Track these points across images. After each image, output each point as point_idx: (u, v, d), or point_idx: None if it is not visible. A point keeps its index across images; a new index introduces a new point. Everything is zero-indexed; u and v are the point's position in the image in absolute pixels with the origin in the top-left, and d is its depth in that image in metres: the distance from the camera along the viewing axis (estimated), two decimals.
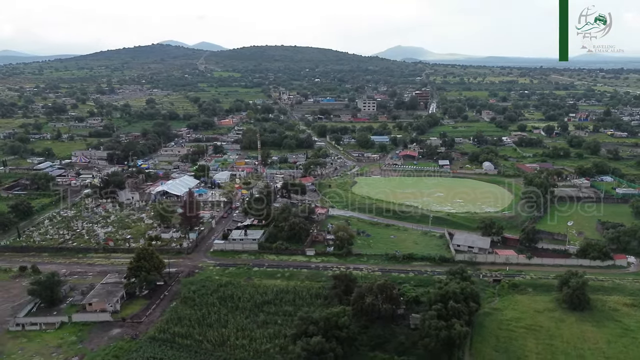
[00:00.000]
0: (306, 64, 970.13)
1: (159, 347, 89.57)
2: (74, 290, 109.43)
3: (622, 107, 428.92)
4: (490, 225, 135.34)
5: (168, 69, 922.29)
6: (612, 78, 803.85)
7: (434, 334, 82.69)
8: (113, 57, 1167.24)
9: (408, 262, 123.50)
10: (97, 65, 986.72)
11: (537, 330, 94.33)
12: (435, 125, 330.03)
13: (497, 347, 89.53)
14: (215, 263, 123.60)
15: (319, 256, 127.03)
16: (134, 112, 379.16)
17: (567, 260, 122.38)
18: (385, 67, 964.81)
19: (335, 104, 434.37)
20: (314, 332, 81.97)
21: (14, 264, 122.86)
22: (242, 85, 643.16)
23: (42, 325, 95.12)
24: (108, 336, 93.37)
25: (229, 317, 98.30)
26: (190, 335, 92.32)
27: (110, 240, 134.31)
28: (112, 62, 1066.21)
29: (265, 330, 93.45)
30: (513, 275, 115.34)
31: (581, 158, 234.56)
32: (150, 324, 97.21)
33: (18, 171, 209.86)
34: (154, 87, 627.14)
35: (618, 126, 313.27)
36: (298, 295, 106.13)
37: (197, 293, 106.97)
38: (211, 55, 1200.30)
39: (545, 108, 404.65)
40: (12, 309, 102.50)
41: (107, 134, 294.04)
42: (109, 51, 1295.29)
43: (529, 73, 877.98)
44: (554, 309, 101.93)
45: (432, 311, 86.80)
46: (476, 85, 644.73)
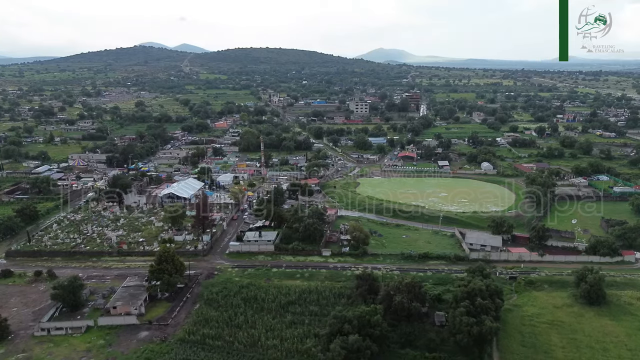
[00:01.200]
0: (292, 66, 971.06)
1: (190, 349, 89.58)
2: (94, 294, 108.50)
3: (606, 108, 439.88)
4: (500, 224, 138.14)
5: (152, 71, 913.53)
6: (592, 80, 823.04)
7: (465, 330, 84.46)
8: (94, 59, 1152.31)
9: (424, 261, 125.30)
10: (78, 68, 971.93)
11: (559, 325, 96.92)
12: (429, 126, 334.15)
13: (523, 342, 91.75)
14: (232, 265, 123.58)
15: (335, 256, 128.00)
16: (124, 115, 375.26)
17: (578, 257, 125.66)
18: (371, 69, 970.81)
19: (327, 106, 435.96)
20: (349, 330, 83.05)
21: (27, 268, 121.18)
22: (229, 87, 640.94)
23: (68, 329, 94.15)
24: (136, 339, 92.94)
25: (255, 318, 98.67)
26: (220, 336, 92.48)
27: (123, 243, 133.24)
28: (94, 64, 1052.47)
29: (295, 330, 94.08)
30: (528, 273, 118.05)
31: (575, 158, 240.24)
32: (177, 327, 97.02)
33: (16, 175, 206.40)
34: (141, 89, 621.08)
35: (606, 127, 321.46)
36: (321, 295, 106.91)
37: (220, 295, 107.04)
38: (195, 57, 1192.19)
39: (533, 110, 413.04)
40: (34, 314, 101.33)
41: (101, 137, 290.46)
42: (90, 53, 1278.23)
43: (511, 75, 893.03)
44: (571, 304, 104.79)
45: (461, 308, 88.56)
46: (462, 87, 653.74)
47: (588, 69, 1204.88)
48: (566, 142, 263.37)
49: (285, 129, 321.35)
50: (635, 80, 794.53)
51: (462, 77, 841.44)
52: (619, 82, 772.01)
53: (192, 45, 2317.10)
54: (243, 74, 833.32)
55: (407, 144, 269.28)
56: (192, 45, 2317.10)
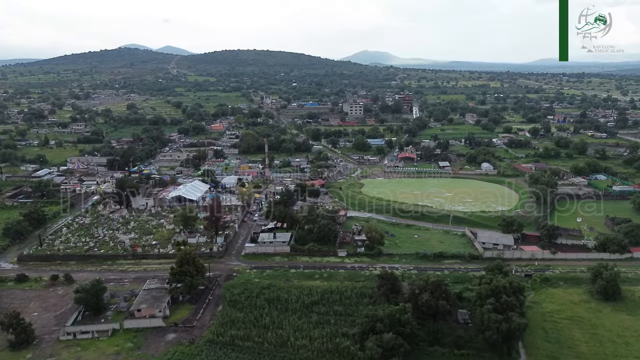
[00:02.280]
0: (280, 68, 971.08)
1: (220, 350, 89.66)
2: (115, 297, 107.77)
3: (594, 109, 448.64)
4: (510, 223, 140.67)
5: (139, 73, 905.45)
6: (576, 82, 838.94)
7: (494, 327, 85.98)
8: (79, 62, 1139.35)
9: (439, 261, 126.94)
10: (63, 70, 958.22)
11: (579, 320, 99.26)
12: (424, 128, 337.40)
13: (547, 338, 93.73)
14: (250, 266, 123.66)
15: (351, 257, 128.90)
16: (117, 118, 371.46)
17: (589, 255, 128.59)
18: (359, 71, 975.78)
19: (321, 108, 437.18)
20: (381, 329, 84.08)
21: (42, 273, 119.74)
22: (219, 89, 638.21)
23: (94, 333, 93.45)
24: (164, 341, 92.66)
25: (281, 318, 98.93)
26: (249, 337, 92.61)
27: (137, 246, 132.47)
28: (79, 66, 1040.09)
29: (322, 330, 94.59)
30: (543, 270, 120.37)
31: (571, 158, 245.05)
32: (203, 328, 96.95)
33: (15, 179, 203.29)
34: (130, 91, 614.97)
35: (597, 127, 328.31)
36: (343, 295, 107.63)
37: (242, 296, 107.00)
38: (182, 60, 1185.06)
39: (524, 111, 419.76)
40: (56, 318, 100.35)
41: (97, 140, 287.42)
42: (74, 55, 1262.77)
43: (497, 77, 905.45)
44: (588, 300, 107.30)
45: (488, 305, 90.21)
46: (451, 89, 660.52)
47: (569, 70, 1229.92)
48: (561, 142, 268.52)
49: (281, 131, 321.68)
50: (617, 82, 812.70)
51: (449, 79, 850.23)
52: (602, 84, 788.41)
53: (176, 47, 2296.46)
54: (232, 76, 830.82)
55: (405, 145, 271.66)
56: (176, 47, 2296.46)
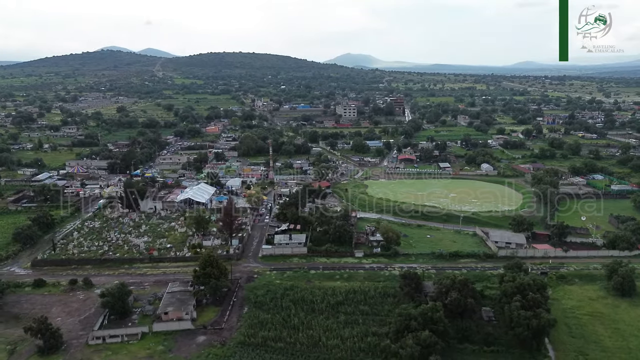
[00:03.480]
0: (267, 71, 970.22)
1: (253, 352, 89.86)
2: (138, 301, 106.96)
3: (580, 111, 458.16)
4: (520, 222, 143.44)
5: (124, 75, 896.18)
6: (558, 84, 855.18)
7: (524, 324, 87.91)
8: (61, 64, 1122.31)
9: (454, 260, 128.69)
10: (45, 72, 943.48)
11: (599, 316, 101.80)
12: (419, 129, 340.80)
13: (571, 333, 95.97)
14: (269, 268, 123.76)
15: (368, 257, 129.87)
16: (109, 121, 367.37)
17: (599, 252, 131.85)
18: (346, 74, 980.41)
19: (313, 110, 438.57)
20: (415, 327, 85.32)
21: (58, 277, 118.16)
22: (208, 92, 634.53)
23: (123, 336, 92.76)
24: (195, 344, 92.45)
25: (309, 319, 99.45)
26: (281, 338, 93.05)
27: (153, 249, 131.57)
28: (61, 68, 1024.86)
29: (352, 330, 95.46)
30: (557, 268, 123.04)
31: (566, 159, 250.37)
32: (232, 330, 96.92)
33: (15, 183, 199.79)
34: (117, 94, 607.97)
35: (587, 129, 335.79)
36: (367, 295, 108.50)
37: (266, 297, 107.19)
38: (167, 62, 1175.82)
39: (513, 113, 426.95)
40: (80, 323, 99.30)
41: (92, 143, 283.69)
42: (55, 57, 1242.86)
43: (482, 80, 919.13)
44: (605, 296, 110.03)
45: (516, 302, 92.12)
46: (439, 92, 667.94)
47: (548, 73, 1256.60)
48: (555, 143, 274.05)
49: (277, 133, 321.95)
50: (598, 85, 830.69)
51: (435, 81, 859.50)
52: (584, 87, 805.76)
53: (157, 50, 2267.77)
54: (219, 79, 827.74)
55: (403, 146, 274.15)
56: (157, 50, 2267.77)
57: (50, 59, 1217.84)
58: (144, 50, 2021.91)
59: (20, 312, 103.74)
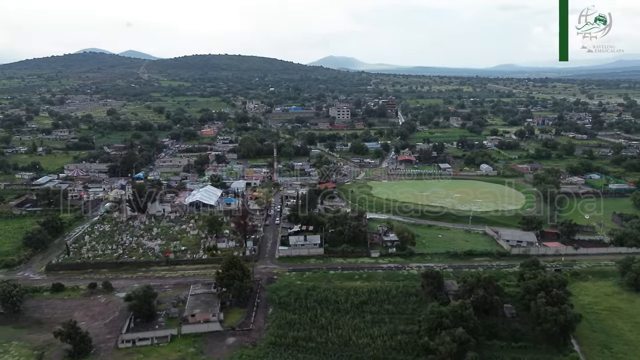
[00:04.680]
0: (254, 73, 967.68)
1: (285, 352, 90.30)
2: (161, 303, 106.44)
3: (567, 112, 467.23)
4: (530, 220, 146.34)
5: (109, 78, 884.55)
6: (542, 86, 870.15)
7: (552, 319, 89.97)
8: (43, 66, 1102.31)
9: (469, 259, 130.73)
10: (27, 75, 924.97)
11: (617, 311, 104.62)
12: (413, 131, 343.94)
13: (593, 328, 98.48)
14: (287, 268, 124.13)
15: (384, 257, 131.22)
16: (101, 124, 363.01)
17: (608, 249, 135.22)
18: (333, 76, 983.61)
19: (306, 113, 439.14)
20: (447, 324, 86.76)
21: (76, 281, 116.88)
22: (197, 94, 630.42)
23: (153, 339, 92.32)
24: (225, 345, 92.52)
25: (336, 318, 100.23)
26: (311, 338, 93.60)
27: (169, 252, 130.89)
28: (43, 71, 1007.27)
29: (380, 329, 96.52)
30: (570, 265, 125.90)
31: (561, 159, 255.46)
32: (260, 331, 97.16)
33: (14, 187, 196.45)
34: (104, 97, 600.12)
35: (577, 129, 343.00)
36: (389, 295, 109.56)
37: (290, 298, 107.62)
38: (151, 64, 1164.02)
39: (503, 114, 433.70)
40: (106, 327, 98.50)
41: (87, 147, 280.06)
42: (36, 59, 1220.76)
43: (467, 82, 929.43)
44: (620, 292, 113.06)
45: (542, 299, 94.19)
46: (427, 94, 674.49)
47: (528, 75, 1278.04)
48: (549, 144, 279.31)
49: (273, 135, 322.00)
50: (580, 87, 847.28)
51: (421, 83, 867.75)
52: (566, 88, 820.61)
53: (139, 52, 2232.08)
54: (206, 81, 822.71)
55: (401, 148, 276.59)
56: (139, 52, 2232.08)
57: (31, 61, 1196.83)
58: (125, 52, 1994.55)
59: (41, 317, 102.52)
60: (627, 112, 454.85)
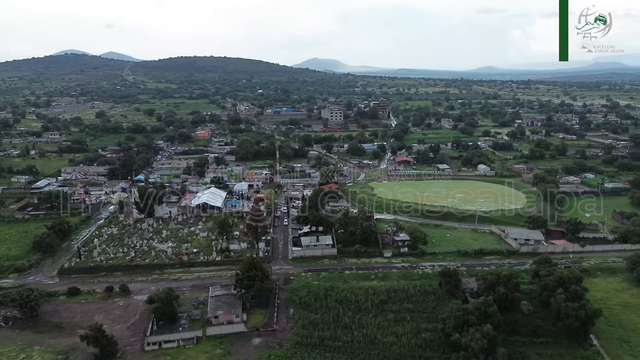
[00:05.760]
0: (241, 75, 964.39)
1: (312, 351, 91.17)
2: (182, 305, 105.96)
3: (553, 113, 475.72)
4: (536, 219, 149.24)
5: (94, 80, 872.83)
6: (525, 88, 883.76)
7: (573, 315, 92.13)
8: (23, 68, 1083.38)
9: (479, 257, 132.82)
10: (8, 77, 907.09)
11: (629, 306, 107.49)
12: (407, 132, 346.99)
13: (609, 322, 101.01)
14: (303, 269, 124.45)
15: (397, 257, 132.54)
16: (92, 126, 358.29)
17: (613, 246, 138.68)
18: (320, 78, 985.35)
19: (297, 114, 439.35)
20: (473, 321, 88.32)
21: (91, 285, 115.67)
22: (185, 96, 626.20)
23: (179, 341, 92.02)
24: (252, 346, 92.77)
25: (358, 317, 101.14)
26: (337, 337, 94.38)
27: (182, 254, 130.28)
28: (24, 73, 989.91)
29: (404, 327, 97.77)
30: (579, 262, 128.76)
31: (554, 159, 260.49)
32: (284, 331, 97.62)
33: (13, 191, 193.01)
34: (90, 99, 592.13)
35: (566, 130, 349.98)
36: (408, 294, 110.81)
37: (309, 298, 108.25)
38: (136, 66, 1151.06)
39: (493, 116, 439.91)
40: (129, 330, 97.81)
41: (81, 149, 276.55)
42: (17, 61, 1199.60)
43: (452, 84, 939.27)
44: (629, 287, 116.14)
45: (562, 295, 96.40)
46: (415, 96, 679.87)
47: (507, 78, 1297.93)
48: (542, 144, 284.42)
49: (269, 137, 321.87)
50: (562, 88, 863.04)
51: (408, 85, 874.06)
52: (549, 90, 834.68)
53: (119, 53, 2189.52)
54: (193, 83, 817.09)
55: (398, 149, 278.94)
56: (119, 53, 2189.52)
57: (11, 63, 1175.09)
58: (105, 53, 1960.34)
59: (61, 321, 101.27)
60: (611, 113, 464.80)
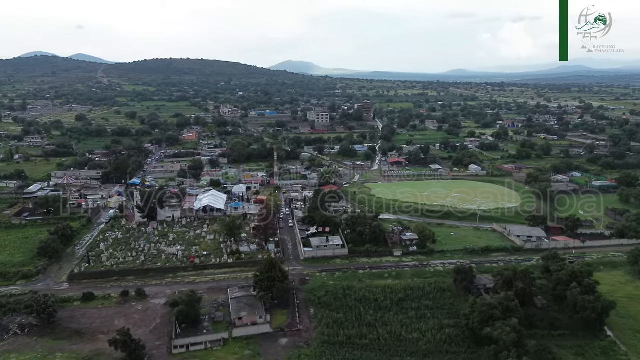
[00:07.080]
0: (219, 77, 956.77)
1: (340, 350, 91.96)
2: (203, 308, 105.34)
3: (531, 114, 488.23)
4: (536, 217, 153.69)
5: (67, 82, 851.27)
6: (500, 90, 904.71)
7: (589, 307, 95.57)
8: None
9: (486, 255, 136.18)
10: None
11: (636, 298, 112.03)
12: (394, 134, 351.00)
13: (619, 314, 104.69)
14: (317, 270, 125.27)
15: (406, 255, 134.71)
16: (75, 129, 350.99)
17: (611, 242, 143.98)
18: (299, 80, 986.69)
19: (282, 117, 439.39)
20: (498, 316, 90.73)
21: (105, 290, 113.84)
22: (165, 99, 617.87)
23: (207, 343, 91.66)
24: (280, 346, 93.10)
25: (380, 315, 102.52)
26: (362, 335, 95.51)
27: (194, 257, 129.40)
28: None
29: (427, 324, 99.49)
30: (581, 257, 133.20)
31: (540, 158, 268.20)
32: (309, 331, 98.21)
33: (3, 196, 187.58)
34: (67, 102, 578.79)
35: (547, 131, 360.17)
36: (424, 291, 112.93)
37: (328, 298, 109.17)
38: (110, 68, 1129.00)
39: (474, 117, 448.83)
40: (152, 333, 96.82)
41: (67, 153, 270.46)
42: None
43: (430, 86, 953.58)
44: (632, 280, 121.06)
45: (577, 288, 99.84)
46: (395, 98, 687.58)
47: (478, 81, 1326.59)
48: (527, 144, 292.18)
49: (258, 139, 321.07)
50: (535, 90, 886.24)
51: (386, 88, 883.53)
52: (523, 92, 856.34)
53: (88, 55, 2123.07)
54: (171, 85, 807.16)
55: (389, 150, 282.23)
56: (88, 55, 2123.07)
57: None
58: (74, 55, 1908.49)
59: (80, 327, 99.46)
60: (586, 114, 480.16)
